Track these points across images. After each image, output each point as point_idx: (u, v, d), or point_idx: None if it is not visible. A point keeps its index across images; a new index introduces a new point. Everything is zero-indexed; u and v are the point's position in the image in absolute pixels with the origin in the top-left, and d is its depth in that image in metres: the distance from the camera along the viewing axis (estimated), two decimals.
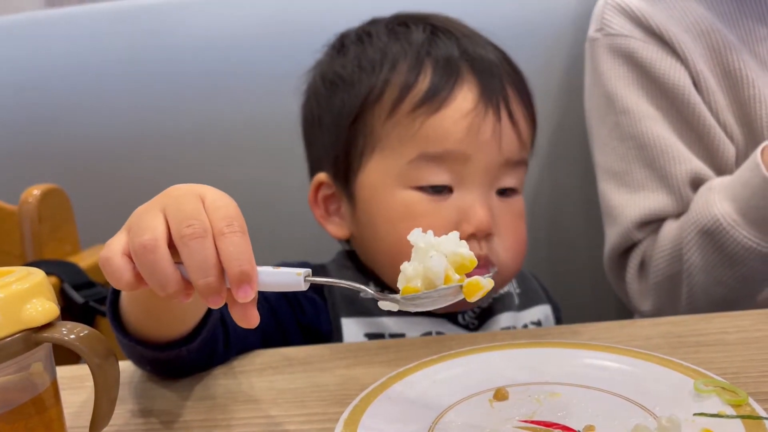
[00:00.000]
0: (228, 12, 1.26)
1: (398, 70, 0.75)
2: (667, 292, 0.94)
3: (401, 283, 0.47)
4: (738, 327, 0.64)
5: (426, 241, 0.47)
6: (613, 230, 0.99)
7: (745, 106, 0.96)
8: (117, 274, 0.46)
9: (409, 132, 0.74)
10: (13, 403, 0.43)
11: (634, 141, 0.97)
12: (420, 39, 0.77)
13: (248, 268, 0.44)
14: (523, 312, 0.83)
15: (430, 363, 0.59)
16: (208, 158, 1.26)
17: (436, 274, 0.45)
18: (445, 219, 0.73)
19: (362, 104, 0.76)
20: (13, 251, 1.03)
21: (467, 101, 0.74)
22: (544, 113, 1.22)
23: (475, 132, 0.73)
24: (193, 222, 0.45)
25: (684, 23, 0.99)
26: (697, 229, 0.88)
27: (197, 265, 0.44)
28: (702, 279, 0.89)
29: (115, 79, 1.27)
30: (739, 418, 0.46)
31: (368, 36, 0.80)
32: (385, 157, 0.75)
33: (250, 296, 0.45)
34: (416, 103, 0.74)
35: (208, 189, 0.48)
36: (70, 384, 0.63)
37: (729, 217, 0.85)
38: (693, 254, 0.88)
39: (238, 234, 0.45)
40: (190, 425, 0.55)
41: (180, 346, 0.59)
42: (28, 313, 0.42)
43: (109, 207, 1.28)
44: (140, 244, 0.45)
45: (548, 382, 0.56)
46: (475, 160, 0.73)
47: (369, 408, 0.52)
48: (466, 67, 0.76)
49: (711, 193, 0.89)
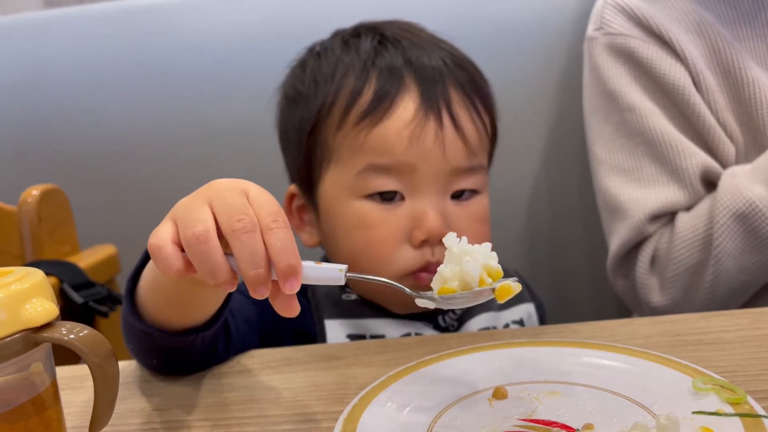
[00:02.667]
0: (227, 12, 1.26)
1: (346, 82, 0.77)
2: (686, 283, 0.94)
3: (437, 283, 0.51)
4: (736, 325, 0.64)
5: (460, 247, 0.51)
6: (622, 226, 0.99)
7: (745, 106, 0.96)
8: (168, 261, 0.48)
9: (356, 143, 0.75)
10: (13, 403, 0.43)
11: (642, 137, 0.97)
12: (367, 49, 0.78)
13: (295, 262, 0.47)
14: (504, 312, 0.83)
15: (429, 362, 0.59)
16: (207, 158, 1.26)
17: (473, 277, 0.50)
18: (397, 227, 0.74)
19: (316, 117, 0.78)
20: (13, 251, 1.03)
21: (408, 110, 0.74)
22: (542, 112, 1.23)
23: (417, 141, 0.73)
24: (242, 217, 0.47)
25: (683, 23, 0.99)
26: (730, 214, 0.88)
27: (248, 257, 0.47)
28: (729, 266, 0.90)
29: (115, 80, 1.27)
30: (737, 416, 0.46)
31: (325, 50, 0.82)
32: (338, 168, 0.77)
33: (296, 288, 0.48)
34: (361, 114, 0.75)
35: (250, 184, 0.51)
36: (69, 384, 0.64)
37: (765, 200, 0.86)
38: (725, 240, 0.89)
39: (284, 229, 0.48)
40: (189, 425, 0.55)
41: (196, 333, 0.60)
42: (28, 313, 0.42)
43: (109, 207, 1.28)
44: (193, 235, 0.47)
45: (547, 380, 0.56)
46: (421, 169, 0.74)
47: (368, 407, 0.52)
48: (409, 75, 0.76)
49: (737, 178, 0.90)
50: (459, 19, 1.21)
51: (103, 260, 1.11)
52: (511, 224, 1.25)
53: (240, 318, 0.70)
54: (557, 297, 1.24)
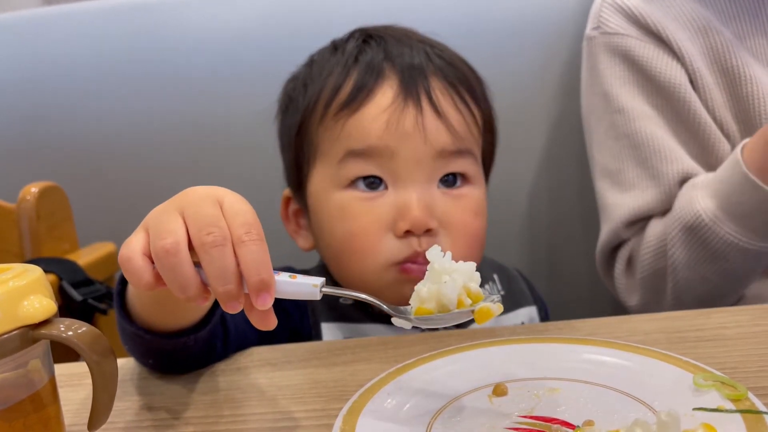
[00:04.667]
0: (227, 9, 1.25)
1: (329, 80, 0.77)
2: (652, 287, 0.95)
3: (414, 301, 0.49)
4: (737, 322, 0.64)
5: (441, 264, 0.49)
6: (605, 227, 1.00)
7: (743, 103, 0.96)
8: (137, 275, 0.47)
9: (335, 134, 0.75)
10: (11, 401, 0.43)
11: (627, 140, 0.97)
12: (351, 49, 0.79)
13: (267, 277, 0.46)
14: (506, 315, 0.83)
15: (429, 359, 0.59)
16: (206, 156, 1.26)
17: (450, 300, 0.48)
18: (380, 217, 0.73)
19: (302, 116, 0.78)
20: (12, 249, 1.03)
21: (386, 97, 0.74)
22: (542, 111, 1.23)
23: (395, 125, 0.73)
24: (213, 230, 0.46)
25: (681, 21, 0.99)
26: (681, 226, 0.88)
27: (217, 273, 0.45)
28: (686, 275, 0.90)
29: (114, 77, 1.27)
30: (738, 413, 0.46)
31: (316, 57, 0.83)
32: (322, 163, 0.77)
33: (269, 304, 0.46)
34: (340, 105, 0.75)
35: (225, 192, 0.49)
36: (68, 381, 0.63)
37: (711, 213, 0.85)
38: (677, 250, 0.89)
39: (257, 242, 0.46)
40: (188, 422, 0.55)
41: (188, 335, 0.60)
42: (26, 309, 0.42)
43: (108, 205, 1.28)
44: (162, 248, 0.46)
45: (547, 377, 0.56)
46: (401, 155, 0.73)
47: (368, 404, 0.52)
48: (389, 67, 0.76)
49: (694, 190, 0.89)
50: (458, 18, 1.21)
51: (103, 258, 1.10)
52: (511, 223, 1.25)
53: (239, 315, 0.70)
54: (556, 295, 1.24)
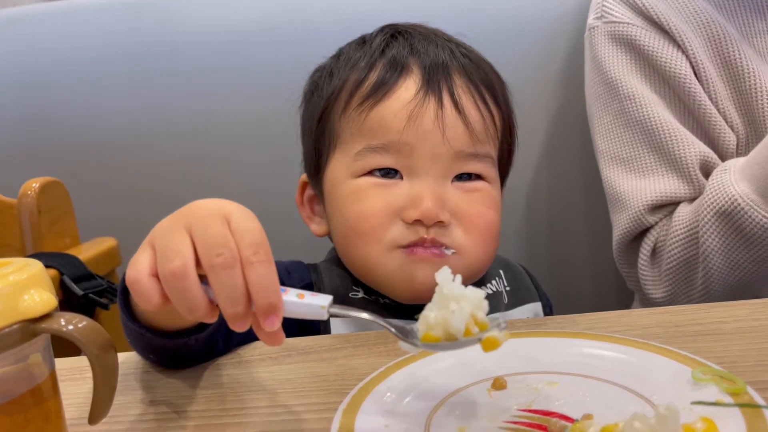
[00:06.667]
0: (228, 7, 1.25)
1: (354, 71, 0.78)
2: (681, 278, 0.93)
3: (422, 325, 0.49)
4: (735, 316, 0.64)
5: (450, 289, 0.49)
6: (622, 216, 0.98)
7: (745, 97, 0.96)
8: (145, 296, 0.47)
9: (356, 125, 0.75)
10: (12, 395, 0.43)
11: (640, 126, 0.96)
12: (378, 43, 0.79)
13: (275, 300, 0.46)
14: (512, 311, 0.83)
15: (428, 353, 0.59)
16: (206, 153, 1.26)
17: (458, 330, 0.48)
18: (391, 202, 0.73)
19: (325, 104, 0.79)
20: (13, 244, 1.03)
21: (408, 91, 0.74)
22: (544, 103, 1.23)
23: (415, 121, 0.73)
24: (222, 251, 0.45)
25: (684, 14, 0.99)
26: (714, 211, 0.87)
27: (227, 296, 0.45)
28: (719, 262, 0.88)
29: (114, 73, 1.27)
30: (737, 407, 0.46)
31: (344, 50, 0.83)
32: (341, 152, 0.77)
33: (276, 326, 0.46)
34: (363, 97, 0.75)
35: (232, 208, 0.49)
36: (69, 375, 0.64)
37: (747, 197, 0.84)
38: (710, 237, 0.87)
39: (265, 263, 0.46)
40: (189, 415, 0.56)
41: (189, 335, 0.60)
42: (26, 303, 0.42)
43: (108, 200, 1.29)
44: (170, 272, 0.46)
45: (546, 371, 0.56)
46: (419, 151, 0.73)
47: (367, 398, 0.52)
48: (414, 62, 0.76)
49: (726, 174, 0.88)
50: (460, 10, 1.21)
51: (104, 252, 1.11)
52: (512, 215, 1.25)
53: None
54: (557, 287, 1.24)
